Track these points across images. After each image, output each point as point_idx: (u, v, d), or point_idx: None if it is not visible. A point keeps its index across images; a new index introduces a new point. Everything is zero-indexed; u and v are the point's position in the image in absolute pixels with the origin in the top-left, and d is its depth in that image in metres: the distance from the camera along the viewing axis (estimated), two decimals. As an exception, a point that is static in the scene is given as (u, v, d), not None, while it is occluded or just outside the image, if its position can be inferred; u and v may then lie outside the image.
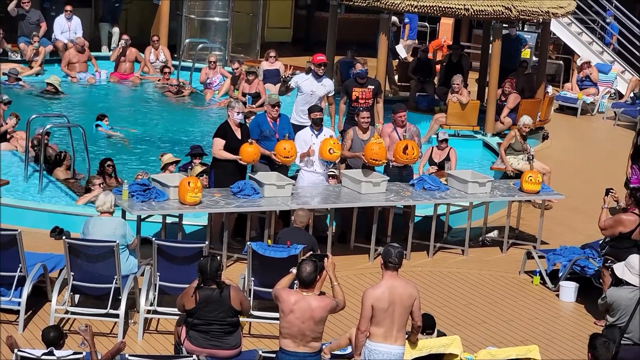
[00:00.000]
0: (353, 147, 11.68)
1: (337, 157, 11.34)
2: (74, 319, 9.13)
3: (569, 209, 13.52)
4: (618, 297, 8.21)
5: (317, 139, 11.44)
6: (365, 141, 11.61)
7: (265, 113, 11.49)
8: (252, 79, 17.07)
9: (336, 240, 11.51)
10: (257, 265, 9.22)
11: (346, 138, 11.83)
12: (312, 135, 11.47)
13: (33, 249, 9.92)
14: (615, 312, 8.20)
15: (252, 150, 10.99)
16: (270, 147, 11.28)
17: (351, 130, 11.84)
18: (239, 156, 10.99)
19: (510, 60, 17.17)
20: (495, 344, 9.32)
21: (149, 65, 19.09)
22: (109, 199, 9.46)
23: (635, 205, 9.99)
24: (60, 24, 19.10)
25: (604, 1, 21.55)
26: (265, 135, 11.34)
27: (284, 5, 23.34)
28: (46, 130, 12.62)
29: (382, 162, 11.50)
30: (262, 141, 11.31)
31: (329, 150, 11.19)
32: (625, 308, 8.16)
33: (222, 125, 11.21)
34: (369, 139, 11.58)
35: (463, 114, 15.85)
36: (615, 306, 8.21)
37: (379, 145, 11.34)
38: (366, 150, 11.38)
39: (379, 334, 7.52)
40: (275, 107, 11.38)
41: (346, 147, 11.70)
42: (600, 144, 17.54)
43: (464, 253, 11.76)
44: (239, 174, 11.13)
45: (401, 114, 11.93)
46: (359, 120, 11.79)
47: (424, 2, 14.99)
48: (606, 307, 8.26)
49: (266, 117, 11.44)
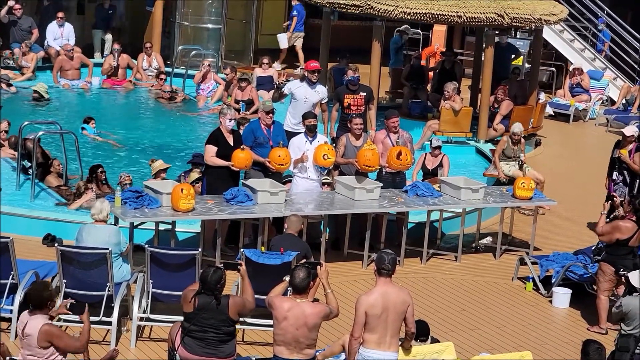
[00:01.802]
0: (346, 154, 11.68)
1: (332, 162, 11.36)
2: (67, 327, 9.09)
3: (562, 215, 13.54)
4: (634, 306, 8.20)
5: (311, 145, 11.44)
6: (358, 147, 11.62)
7: (259, 120, 11.50)
8: (245, 85, 17.07)
9: (330, 247, 11.50)
10: (251, 272, 9.20)
11: (339, 144, 11.84)
12: (306, 142, 11.48)
13: (25, 257, 9.90)
14: (630, 322, 8.18)
15: (244, 157, 10.98)
16: (264, 154, 11.28)
17: (344, 137, 11.84)
18: (231, 162, 10.98)
19: (501, 68, 17.20)
20: (488, 350, 9.32)
21: (142, 71, 19.08)
22: (105, 208, 9.40)
23: (633, 213, 10.02)
24: (52, 30, 19.09)
25: (595, 8, 21.61)
26: (259, 142, 11.34)
27: (277, 12, 23.36)
28: (38, 137, 12.59)
29: (375, 168, 11.50)
30: (256, 148, 11.31)
31: (323, 156, 11.20)
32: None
33: (214, 132, 11.21)
34: (361, 146, 11.58)
35: (456, 121, 15.87)
36: (631, 315, 8.19)
37: (372, 152, 11.34)
38: (359, 156, 11.38)
39: (372, 341, 7.52)
40: (269, 114, 11.39)
41: (339, 153, 11.70)
42: (593, 150, 17.58)
43: (457, 259, 11.77)
44: (232, 180, 11.13)
45: (394, 119, 11.95)
46: (351, 127, 11.80)
47: (417, 9, 15.02)
48: (621, 315, 8.22)
49: (260, 124, 11.44)
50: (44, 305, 7.27)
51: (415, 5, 15.07)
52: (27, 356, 7.17)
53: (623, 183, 12.64)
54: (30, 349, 7.21)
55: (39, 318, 7.22)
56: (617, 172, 12.64)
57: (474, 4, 15.24)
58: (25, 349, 7.26)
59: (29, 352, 7.23)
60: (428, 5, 15.08)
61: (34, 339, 7.17)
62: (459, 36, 23.31)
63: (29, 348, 7.22)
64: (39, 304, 7.25)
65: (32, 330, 7.20)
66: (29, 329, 7.20)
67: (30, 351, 7.22)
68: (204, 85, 18.08)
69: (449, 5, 15.13)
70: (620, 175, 12.62)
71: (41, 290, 7.28)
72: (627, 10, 22.56)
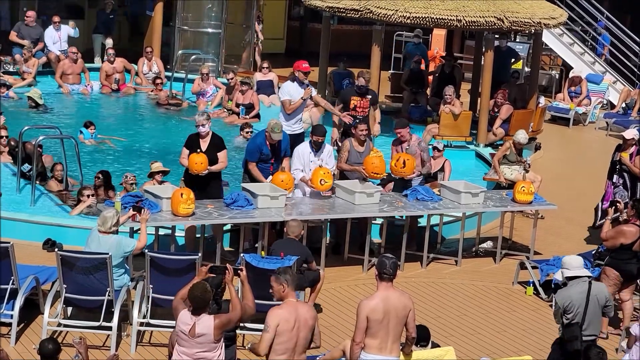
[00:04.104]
0: (349, 159, 11.68)
1: (329, 186, 11.16)
2: (67, 332, 9.09)
3: (562, 219, 13.54)
4: (568, 295, 8.33)
5: (315, 158, 11.37)
6: (362, 153, 11.62)
7: (265, 137, 11.42)
8: (246, 89, 17.08)
9: (330, 251, 11.50)
10: (251, 277, 9.19)
11: (343, 150, 11.82)
12: (311, 153, 11.38)
13: (25, 262, 9.89)
14: (570, 311, 8.30)
15: (199, 160, 10.89)
16: (265, 169, 11.27)
17: (347, 142, 11.84)
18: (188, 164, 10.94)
19: (501, 72, 17.21)
20: (489, 355, 9.31)
21: (142, 76, 19.08)
22: (109, 219, 9.24)
23: (637, 217, 10.01)
24: (50, 35, 19.09)
25: (595, 12, 21.62)
26: (262, 159, 11.34)
27: (277, 16, 23.38)
28: (39, 142, 12.59)
29: (383, 175, 11.53)
30: (259, 163, 11.32)
31: (320, 181, 11.08)
32: (578, 301, 8.27)
33: (191, 135, 11.26)
34: (365, 152, 11.59)
35: (455, 125, 15.87)
36: (569, 306, 8.30)
37: (379, 159, 11.37)
38: (366, 164, 11.39)
39: (373, 346, 7.51)
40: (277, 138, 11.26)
41: (343, 159, 11.70)
42: (593, 154, 17.58)
43: (457, 264, 11.76)
44: (196, 184, 10.95)
45: (398, 130, 11.94)
46: (356, 133, 11.79)
47: (416, 13, 15.03)
48: (560, 312, 8.35)
49: (266, 140, 11.37)
50: (207, 305, 7.52)
51: (415, 9, 15.08)
52: (200, 353, 7.44)
53: (623, 186, 12.64)
54: (206, 346, 7.46)
55: (205, 316, 7.47)
56: (618, 175, 12.64)
57: (474, 8, 15.25)
58: (195, 348, 7.46)
59: (203, 349, 7.46)
60: (427, 10, 15.09)
61: (210, 336, 7.44)
62: (459, 40, 23.33)
63: (202, 346, 7.46)
64: (203, 306, 7.48)
65: (206, 330, 7.44)
66: (201, 329, 7.44)
67: (205, 348, 7.45)
68: (203, 90, 18.09)
69: (449, 9, 15.13)
70: (621, 178, 12.63)
71: (203, 292, 7.48)
72: (626, 13, 22.58)
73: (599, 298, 8.35)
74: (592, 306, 8.29)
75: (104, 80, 18.64)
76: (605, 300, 8.40)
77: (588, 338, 8.23)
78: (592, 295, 8.29)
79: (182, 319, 7.52)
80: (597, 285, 8.47)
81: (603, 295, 8.41)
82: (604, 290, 8.51)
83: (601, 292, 8.41)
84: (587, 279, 8.40)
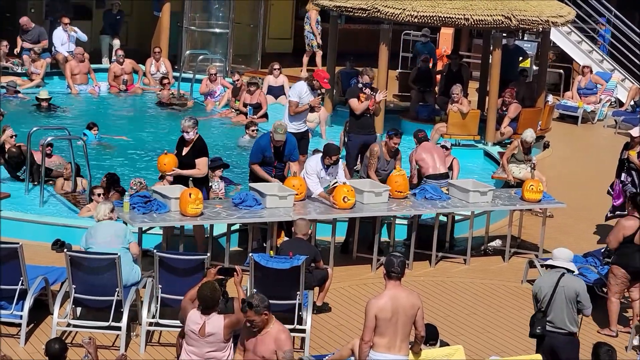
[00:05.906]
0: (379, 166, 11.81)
1: (352, 204, 10.97)
2: (76, 332, 9.11)
3: (571, 217, 13.51)
4: (542, 284, 8.46)
5: (325, 174, 11.23)
6: (389, 162, 11.76)
7: (270, 139, 11.42)
8: (254, 89, 17.08)
9: (338, 250, 11.50)
10: (259, 277, 9.21)
11: (372, 156, 11.83)
12: (322, 170, 11.25)
13: (34, 262, 9.91)
14: (539, 297, 8.43)
15: (166, 160, 10.94)
16: (268, 172, 11.28)
17: (377, 148, 11.86)
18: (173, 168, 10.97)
19: (508, 70, 17.17)
20: (498, 354, 9.30)
21: (150, 76, 19.10)
22: (102, 208, 9.56)
23: (635, 209, 10.01)
24: (59, 36, 19.11)
25: (603, 10, 21.55)
26: (265, 161, 11.33)
27: (285, 16, 23.37)
28: (47, 142, 12.61)
29: (406, 193, 11.47)
30: (262, 165, 11.32)
31: (344, 198, 10.97)
32: (545, 290, 8.38)
33: (180, 137, 11.23)
34: (392, 163, 11.71)
35: (464, 124, 15.85)
36: (539, 294, 8.44)
37: (402, 177, 11.43)
38: (390, 183, 11.41)
39: (382, 344, 7.51)
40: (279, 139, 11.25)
41: (373, 167, 11.75)
42: (601, 152, 17.53)
43: (466, 262, 11.74)
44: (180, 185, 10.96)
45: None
46: (389, 144, 11.84)
47: (424, 12, 15.01)
48: (535, 299, 8.48)
49: (270, 142, 11.36)
50: (217, 305, 7.59)
51: (422, 8, 15.07)
52: (209, 353, 7.52)
53: (631, 184, 12.61)
54: (215, 345, 7.54)
55: (215, 315, 7.54)
56: (626, 173, 12.61)
57: (481, 7, 15.22)
58: (204, 347, 7.55)
59: (213, 349, 7.54)
60: (435, 8, 15.08)
61: (220, 335, 7.52)
62: (467, 39, 23.28)
63: (211, 345, 7.54)
64: (212, 305, 7.55)
65: (216, 329, 7.53)
66: (211, 329, 7.53)
67: (214, 347, 7.54)
68: (211, 90, 18.10)
69: (456, 8, 15.12)
70: (629, 176, 12.59)
71: (213, 291, 7.55)
72: (634, 11, 22.51)
73: (566, 290, 8.32)
74: (558, 297, 8.31)
75: (112, 81, 18.69)
76: (576, 296, 8.35)
77: (556, 330, 8.30)
78: (559, 286, 8.32)
79: (192, 318, 7.53)
80: (569, 279, 8.41)
81: (573, 289, 8.35)
82: (576, 285, 8.41)
83: (571, 286, 8.36)
84: (563, 271, 8.39)
